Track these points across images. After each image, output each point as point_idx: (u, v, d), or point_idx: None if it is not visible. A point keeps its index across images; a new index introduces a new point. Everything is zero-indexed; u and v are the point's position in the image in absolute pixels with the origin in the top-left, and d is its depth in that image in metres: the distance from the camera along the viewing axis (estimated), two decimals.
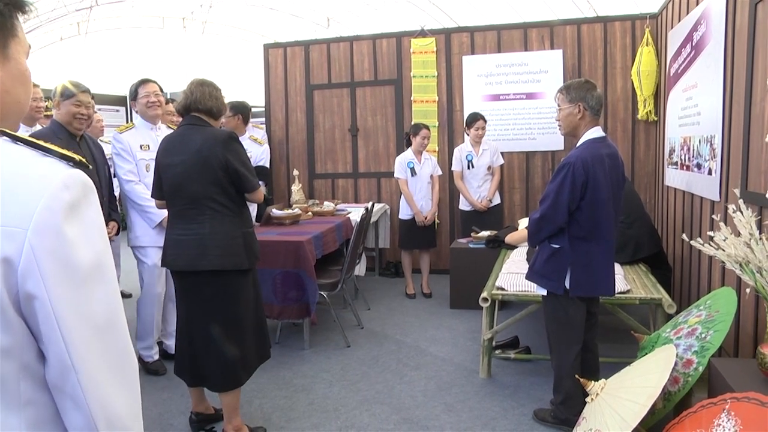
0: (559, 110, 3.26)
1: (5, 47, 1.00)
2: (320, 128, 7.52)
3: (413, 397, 3.80)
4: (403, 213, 6.17)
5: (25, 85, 1.04)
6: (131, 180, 4.13)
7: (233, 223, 3.11)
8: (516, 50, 6.80)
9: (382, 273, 7.20)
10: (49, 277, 0.87)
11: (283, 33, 13.94)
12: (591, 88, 3.20)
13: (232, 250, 3.09)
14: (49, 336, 0.88)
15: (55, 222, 0.88)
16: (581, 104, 3.15)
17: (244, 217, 3.20)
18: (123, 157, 4.15)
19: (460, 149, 6.17)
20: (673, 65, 5.47)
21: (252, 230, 3.25)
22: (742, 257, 2.37)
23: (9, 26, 0.99)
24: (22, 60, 1.03)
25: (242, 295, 3.17)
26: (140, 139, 4.20)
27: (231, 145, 3.08)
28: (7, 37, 1.00)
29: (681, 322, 3.20)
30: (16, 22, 1.01)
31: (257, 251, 3.26)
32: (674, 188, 5.44)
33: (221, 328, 3.11)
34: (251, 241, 3.20)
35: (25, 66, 1.04)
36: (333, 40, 7.59)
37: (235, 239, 3.11)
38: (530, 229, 3.31)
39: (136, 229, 4.22)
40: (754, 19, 3.43)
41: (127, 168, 4.14)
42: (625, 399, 2.60)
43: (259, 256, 3.28)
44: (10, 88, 1.01)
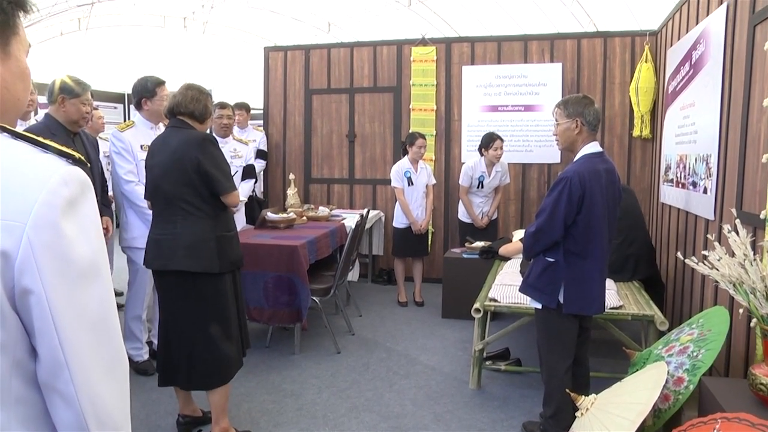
0: (557, 125, 3.26)
1: (6, 45, 1.00)
2: (318, 133, 7.52)
3: (402, 405, 3.79)
4: (397, 221, 6.16)
5: (24, 82, 1.05)
6: (131, 180, 4.08)
7: (206, 225, 3.10)
8: (516, 62, 6.82)
9: (374, 280, 7.19)
10: (45, 273, 0.87)
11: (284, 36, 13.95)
12: (589, 103, 3.21)
13: (201, 253, 3.08)
14: (43, 332, 0.88)
15: (54, 217, 0.88)
16: (579, 119, 3.16)
17: (221, 220, 3.17)
18: (124, 156, 4.09)
19: (473, 168, 6.09)
20: (672, 83, 5.50)
21: (230, 234, 3.21)
22: (736, 278, 2.38)
23: (11, 24, 1.00)
24: (22, 58, 1.04)
25: (214, 298, 3.13)
26: (141, 139, 4.14)
27: (205, 146, 3.07)
28: (8, 35, 1.00)
29: (673, 340, 3.21)
30: (17, 20, 1.02)
31: (235, 257, 3.22)
32: (669, 206, 5.45)
33: (192, 330, 3.12)
34: (226, 245, 3.16)
35: (25, 64, 1.05)
36: (333, 45, 7.61)
37: (207, 242, 3.09)
38: (526, 242, 3.31)
39: (132, 229, 4.17)
40: (753, 40, 3.44)
41: (128, 168, 4.08)
42: (615, 415, 2.60)
43: (238, 261, 3.25)
44: (10, 85, 1.02)
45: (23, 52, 1.05)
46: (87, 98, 3.76)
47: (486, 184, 6.08)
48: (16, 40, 1.03)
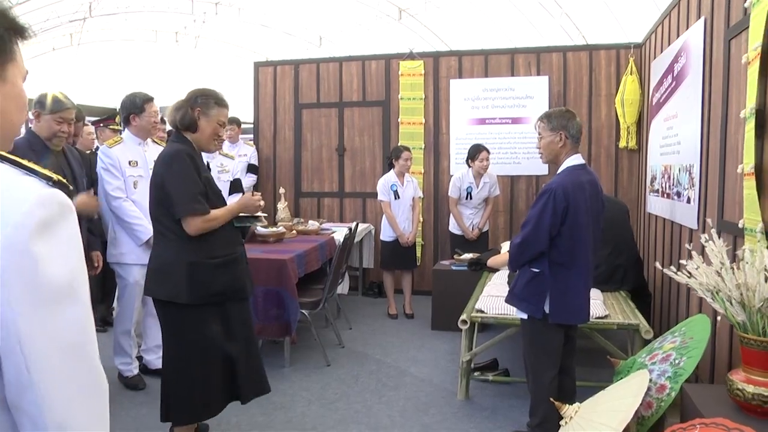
0: (540, 138, 3.32)
1: (3, 70, 1.03)
2: (308, 147, 7.57)
3: (391, 417, 3.81)
4: (384, 234, 6.22)
5: (19, 107, 1.08)
6: (119, 197, 4.05)
7: (178, 249, 2.87)
8: (503, 75, 6.90)
9: (365, 293, 7.22)
10: (13, 294, 0.88)
11: (276, 50, 14.04)
12: (572, 117, 3.27)
13: (168, 279, 2.88)
14: (8, 352, 0.88)
15: (23, 239, 0.88)
16: (563, 133, 3.22)
17: (202, 244, 2.88)
18: (111, 173, 4.06)
19: (461, 179, 6.19)
20: (656, 95, 5.58)
21: (214, 261, 2.89)
22: (713, 286, 2.42)
23: (8, 50, 1.03)
24: (18, 83, 1.07)
25: (186, 333, 2.91)
26: (129, 155, 4.12)
27: (172, 162, 2.87)
28: (4, 61, 1.03)
29: (656, 348, 3.25)
30: (15, 47, 1.05)
31: (219, 287, 2.90)
32: (656, 216, 5.51)
33: (166, 360, 3.01)
34: (203, 273, 2.87)
35: (20, 89, 1.08)
36: (322, 60, 7.68)
37: (175, 267, 2.86)
38: (511, 253, 3.35)
39: (120, 245, 4.14)
40: (728, 53, 3.52)
41: (116, 184, 4.06)
42: (598, 422, 2.64)
43: (227, 293, 2.94)
44: (5, 110, 1.04)
45: (19, 77, 1.08)
46: (64, 116, 3.59)
47: (474, 195, 6.14)
48: (12, 66, 1.05)
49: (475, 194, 6.15)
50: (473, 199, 6.16)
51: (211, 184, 2.99)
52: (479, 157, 6.00)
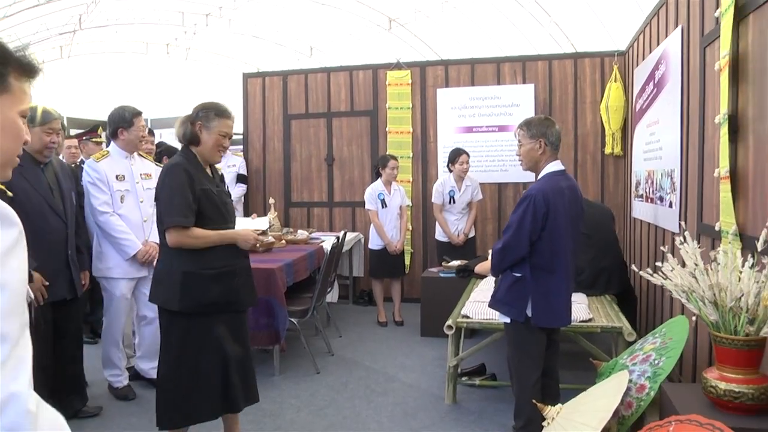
0: (520, 146, 3.39)
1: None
2: (297, 157, 7.63)
3: (379, 422, 3.85)
4: (372, 243, 6.28)
5: (9, 137, 1.13)
6: (106, 212, 4.03)
7: (176, 257, 2.95)
8: (489, 84, 6.99)
9: (355, 301, 7.26)
10: None
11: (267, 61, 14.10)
12: (551, 124, 3.34)
13: (162, 285, 3.00)
14: None
15: None
16: (542, 140, 3.28)
17: (193, 255, 2.94)
18: (98, 187, 4.04)
19: (443, 184, 6.28)
20: (639, 101, 5.67)
21: (211, 272, 2.95)
22: (688, 287, 2.49)
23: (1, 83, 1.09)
24: (10, 115, 1.13)
25: (178, 339, 2.98)
26: (116, 169, 4.10)
27: (166, 174, 2.99)
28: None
29: (637, 349, 3.31)
30: (12, 80, 1.12)
31: (203, 298, 2.94)
32: (640, 220, 5.59)
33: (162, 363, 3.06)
34: (197, 283, 2.93)
35: (12, 120, 1.13)
36: (311, 70, 7.75)
37: (170, 275, 2.96)
38: (493, 259, 3.41)
39: (106, 260, 4.12)
40: (704, 61, 3.60)
41: (103, 199, 4.04)
42: (579, 422, 2.69)
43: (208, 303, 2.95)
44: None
45: (14, 110, 1.14)
46: (52, 127, 3.59)
47: (457, 198, 6.21)
48: (6, 98, 1.11)
49: (458, 198, 6.22)
50: (456, 203, 6.23)
51: (210, 197, 3.00)
52: (459, 160, 6.10)
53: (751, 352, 2.29)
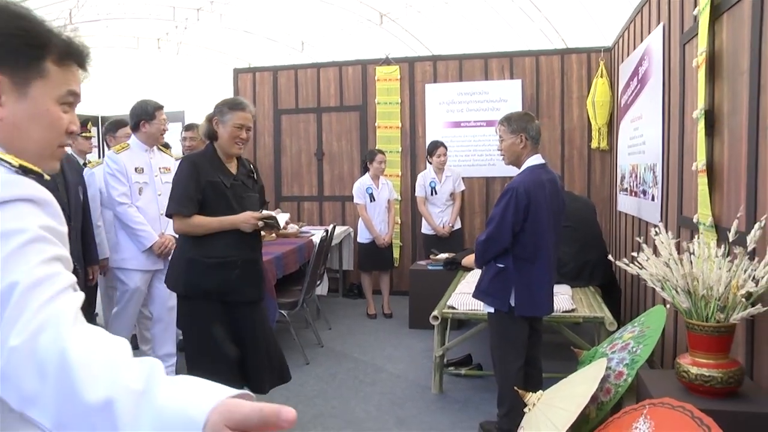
0: (502, 141, 3.48)
1: (26, 86, 1.05)
2: (287, 152, 7.70)
3: (367, 411, 3.94)
4: (361, 237, 6.36)
5: (42, 125, 1.08)
6: (124, 203, 4.06)
7: (184, 244, 3.18)
8: (477, 79, 7.07)
9: (345, 294, 7.34)
10: None
11: (259, 56, 14.10)
12: (530, 119, 3.43)
13: (172, 270, 3.25)
14: None
15: None
16: (523, 135, 3.37)
17: (198, 243, 3.10)
18: (118, 178, 4.07)
19: (424, 176, 6.39)
20: (623, 97, 5.76)
21: (213, 260, 3.09)
22: (662, 276, 2.58)
23: (34, 67, 1.05)
24: (44, 102, 1.08)
25: (186, 321, 3.23)
26: (136, 161, 4.13)
27: (178, 166, 3.21)
28: (29, 78, 1.05)
29: (617, 338, 3.41)
30: (49, 64, 1.07)
31: (202, 285, 3.09)
32: (625, 213, 5.69)
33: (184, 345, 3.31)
34: (200, 270, 3.10)
35: (46, 108, 1.08)
36: (300, 66, 7.81)
37: (178, 260, 3.21)
38: (477, 250, 3.49)
39: (123, 251, 4.16)
40: (684, 58, 3.69)
41: (122, 190, 4.07)
42: (559, 407, 2.78)
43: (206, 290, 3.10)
44: (21, 125, 1.06)
45: (50, 97, 1.08)
46: None
47: (439, 190, 6.31)
48: (40, 84, 1.06)
49: (440, 189, 6.32)
50: (439, 195, 6.33)
51: (217, 189, 3.12)
52: (437, 152, 6.22)
53: (722, 338, 2.38)
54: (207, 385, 0.83)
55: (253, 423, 0.75)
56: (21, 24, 1.04)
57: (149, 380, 0.82)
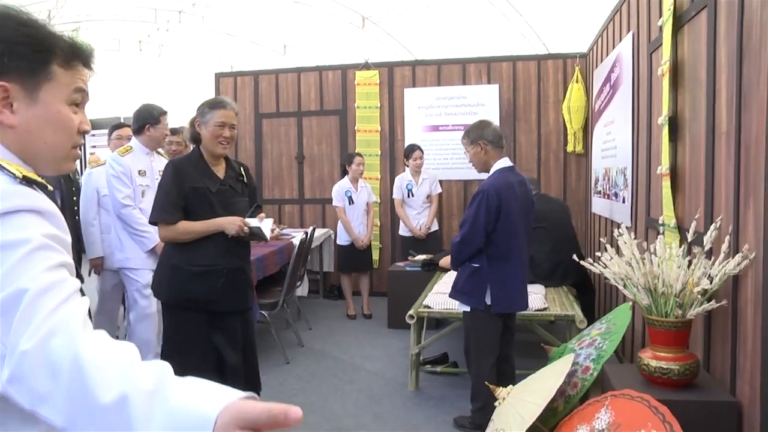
0: (467, 153, 3.64)
1: (35, 91, 1.07)
2: (268, 155, 7.78)
3: (345, 408, 4.04)
4: (340, 239, 6.46)
5: (54, 128, 1.11)
6: (128, 205, 4.10)
7: (169, 250, 3.14)
8: (455, 84, 7.20)
9: (326, 295, 7.43)
10: None
11: (241, 59, 14.13)
12: (486, 125, 3.59)
13: (156, 278, 3.20)
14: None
15: None
16: (481, 142, 3.54)
17: (181, 250, 3.06)
18: (122, 180, 4.12)
19: (401, 178, 6.51)
20: (597, 102, 5.92)
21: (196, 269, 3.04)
22: (624, 275, 2.71)
23: (41, 71, 1.07)
24: (55, 105, 1.10)
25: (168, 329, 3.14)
26: (139, 164, 4.18)
27: (164, 171, 3.18)
28: (38, 82, 1.07)
29: (585, 335, 3.54)
30: (55, 67, 1.09)
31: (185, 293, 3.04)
32: (599, 215, 5.84)
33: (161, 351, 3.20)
34: (182, 278, 3.05)
35: (56, 111, 1.10)
36: (281, 70, 7.89)
37: (162, 268, 3.15)
38: (453, 252, 3.62)
39: (126, 251, 4.20)
40: (651, 65, 3.84)
41: (126, 192, 4.11)
42: (527, 401, 2.90)
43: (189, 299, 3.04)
44: (34, 130, 1.08)
45: (59, 100, 1.10)
46: None
47: (415, 192, 6.43)
48: (49, 87, 1.08)
49: (416, 191, 6.44)
50: (416, 197, 6.45)
51: (201, 195, 3.05)
52: (413, 155, 6.37)
53: (679, 333, 2.51)
54: (216, 386, 0.88)
55: (262, 422, 0.80)
56: (26, 31, 1.07)
57: (160, 381, 0.87)
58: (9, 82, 1.05)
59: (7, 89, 1.05)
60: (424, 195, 6.48)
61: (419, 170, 6.42)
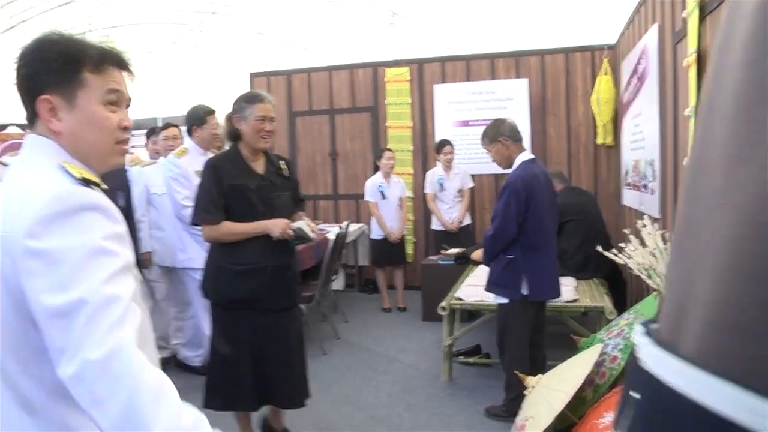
0: (490, 153, 3.75)
1: (73, 98, 1.22)
2: (302, 153, 7.94)
3: (379, 398, 4.17)
4: (374, 233, 6.60)
5: (93, 128, 1.25)
6: (188, 205, 4.05)
7: (214, 252, 3.13)
8: (484, 79, 7.26)
9: (361, 289, 7.56)
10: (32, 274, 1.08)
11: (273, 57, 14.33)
12: (500, 122, 3.70)
13: (205, 278, 3.18)
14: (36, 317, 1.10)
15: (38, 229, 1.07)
16: (501, 139, 3.65)
17: (226, 251, 3.06)
18: (180, 182, 4.26)
19: (433, 173, 6.61)
20: (625, 94, 5.93)
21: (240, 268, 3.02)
22: (649, 265, 2.78)
23: (74, 80, 1.22)
24: (90, 107, 1.24)
25: (216, 326, 3.16)
26: (195, 165, 4.20)
27: (203, 171, 3.14)
28: (73, 89, 1.22)
29: (613, 325, 3.61)
30: (86, 74, 1.23)
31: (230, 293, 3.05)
32: (629, 207, 5.86)
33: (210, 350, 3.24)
34: (226, 278, 3.05)
35: (92, 112, 1.25)
36: (313, 69, 8.04)
37: (209, 268, 3.15)
38: (486, 246, 3.73)
39: (189, 251, 4.37)
40: (676, 57, 3.88)
41: (185, 193, 4.22)
42: (555, 389, 2.99)
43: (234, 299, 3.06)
44: (78, 132, 1.23)
45: (94, 102, 1.24)
46: None
47: (447, 186, 6.53)
48: (83, 93, 1.23)
49: (447, 185, 6.54)
50: (447, 191, 6.54)
51: (240, 192, 3.03)
52: (443, 150, 6.45)
53: None
54: None
55: None
56: (57, 48, 1.24)
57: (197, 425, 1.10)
58: (51, 94, 1.22)
59: (51, 101, 1.22)
60: (456, 189, 6.56)
61: (450, 165, 6.51)
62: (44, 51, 1.23)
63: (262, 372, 3.10)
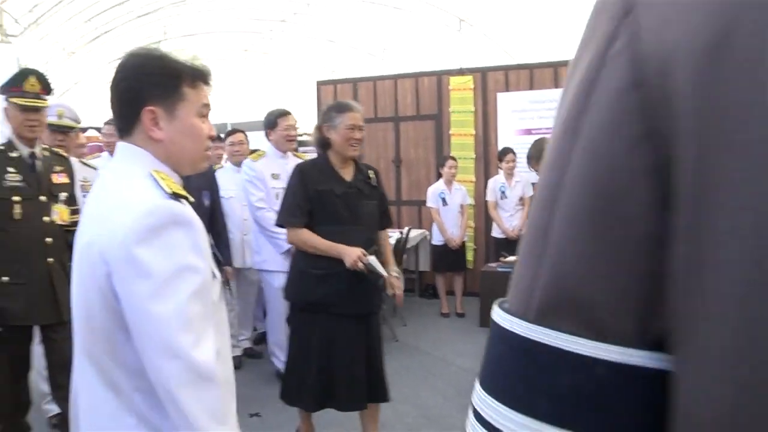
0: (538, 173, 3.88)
1: (174, 110, 1.35)
2: (367, 160, 7.99)
3: (434, 399, 4.31)
4: (435, 239, 6.72)
5: (190, 137, 1.39)
6: (262, 207, 4.30)
7: (297, 254, 3.25)
8: (547, 87, 7.27)
9: (421, 294, 7.68)
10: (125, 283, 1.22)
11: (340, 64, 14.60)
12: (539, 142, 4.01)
13: (288, 281, 3.31)
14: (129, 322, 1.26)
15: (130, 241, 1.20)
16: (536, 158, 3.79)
17: (308, 253, 3.10)
18: (255, 184, 4.36)
19: (495, 181, 6.70)
20: None
21: (317, 272, 3.04)
22: None
23: (176, 94, 1.36)
24: (189, 118, 1.38)
25: (292, 327, 3.29)
26: (272, 168, 4.36)
27: (291, 174, 3.22)
28: (174, 102, 1.35)
29: None
30: (185, 89, 1.37)
31: (308, 296, 3.11)
32: None
33: None
34: (305, 281, 3.13)
35: (191, 123, 1.39)
36: (379, 77, 8.22)
37: (291, 271, 3.29)
38: None
39: (264, 253, 4.46)
40: None
41: (259, 195, 4.33)
42: None
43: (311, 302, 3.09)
44: (176, 140, 1.36)
45: (192, 114, 1.38)
46: None
47: (508, 194, 6.59)
48: (182, 105, 1.36)
49: (509, 193, 6.60)
50: (509, 199, 6.61)
51: (325, 198, 3.06)
52: (506, 158, 6.53)
53: None
54: None
55: None
56: (160, 63, 1.39)
57: None
58: (155, 105, 1.36)
59: (155, 112, 1.36)
60: (517, 197, 6.62)
61: (512, 173, 6.58)
62: (148, 66, 1.38)
63: (327, 375, 3.10)
